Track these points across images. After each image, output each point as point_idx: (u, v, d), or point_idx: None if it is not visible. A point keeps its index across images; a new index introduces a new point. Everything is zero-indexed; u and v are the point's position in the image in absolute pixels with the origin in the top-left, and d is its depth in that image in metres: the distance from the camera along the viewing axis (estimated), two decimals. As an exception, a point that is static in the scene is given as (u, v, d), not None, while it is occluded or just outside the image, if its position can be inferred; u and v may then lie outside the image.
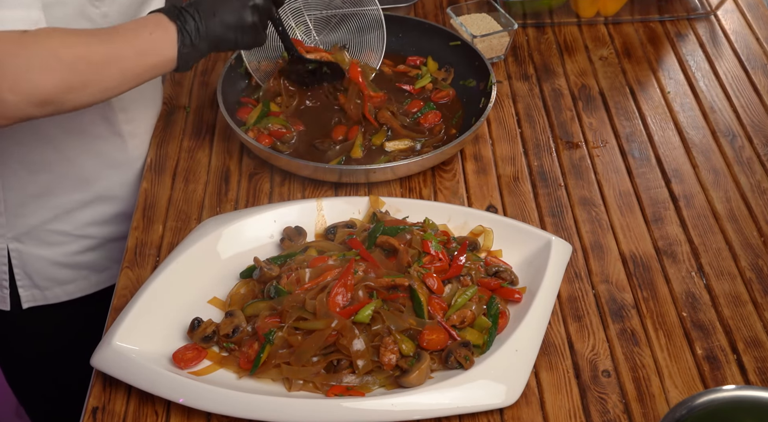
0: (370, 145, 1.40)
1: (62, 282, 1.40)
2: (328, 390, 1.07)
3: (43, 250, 1.36)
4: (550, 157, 1.43)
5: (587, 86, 1.57)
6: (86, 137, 1.32)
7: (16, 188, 1.31)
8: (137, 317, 1.12)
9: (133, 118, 1.38)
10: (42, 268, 1.37)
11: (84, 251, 1.39)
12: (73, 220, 1.37)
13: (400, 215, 1.27)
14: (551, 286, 1.18)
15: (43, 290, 1.39)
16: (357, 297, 1.10)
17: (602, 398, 1.09)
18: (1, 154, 1.27)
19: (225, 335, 1.11)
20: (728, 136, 1.46)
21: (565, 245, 1.24)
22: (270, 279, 1.16)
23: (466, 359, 1.08)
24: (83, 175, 1.35)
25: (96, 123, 1.32)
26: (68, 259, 1.39)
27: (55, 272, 1.38)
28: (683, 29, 1.70)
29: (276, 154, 1.33)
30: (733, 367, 1.13)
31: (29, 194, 1.32)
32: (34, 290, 1.38)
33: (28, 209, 1.32)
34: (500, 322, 1.14)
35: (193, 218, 1.32)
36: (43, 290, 1.39)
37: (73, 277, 1.40)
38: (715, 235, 1.30)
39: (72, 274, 1.40)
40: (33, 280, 1.37)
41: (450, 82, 1.52)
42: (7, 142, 1.26)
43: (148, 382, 1.06)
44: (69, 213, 1.36)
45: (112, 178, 1.38)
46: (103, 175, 1.37)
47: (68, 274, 1.40)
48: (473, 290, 1.15)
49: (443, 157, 1.36)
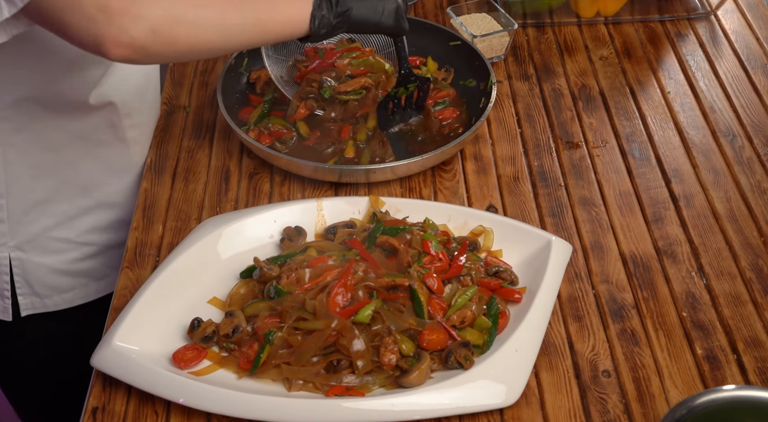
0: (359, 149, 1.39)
1: (62, 290, 1.39)
2: (328, 390, 1.07)
3: (44, 258, 1.35)
4: (550, 157, 1.43)
5: (587, 86, 1.57)
6: (90, 143, 1.31)
7: (19, 195, 1.30)
8: (137, 317, 1.12)
9: (137, 124, 1.38)
10: (42, 276, 1.36)
11: (84, 258, 1.39)
12: (75, 227, 1.36)
13: (400, 215, 1.27)
14: (551, 286, 1.18)
15: (42, 298, 1.38)
16: (357, 297, 1.10)
17: (602, 398, 1.09)
18: (4, 161, 1.26)
19: (225, 335, 1.11)
20: (728, 136, 1.46)
21: (565, 245, 1.24)
22: (270, 279, 1.16)
23: (466, 359, 1.08)
24: (86, 181, 1.34)
25: (101, 129, 1.32)
26: (69, 267, 1.38)
27: (56, 280, 1.38)
28: (683, 29, 1.70)
29: (276, 154, 1.33)
30: (733, 367, 1.13)
31: (32, 201, 1.31)
32: (34, 298, 1.38)
33: (30, 216, 1.32)
34: (500, 322, 1.14)
35: (193, 218, 1.32)
36: (42, 298, 1.38)
37: (72, 285, 1.40)
38: (715, 235, 1.30)
39: (72, 282, 1.40)
40: (33, 288, 1.37)
41: (450, 82, 1.52)
42: (11, 149, 1.26)
43: (148, 382, 1.06)
44: (71, 219, 1.35)
45: (114, 184, 1.38)
46: (106, 181, 1.37)
47: (68, 282, 1.39)
48: (473, 290, 1.15)
49: (443, 157, 1.36)
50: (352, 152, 1.38)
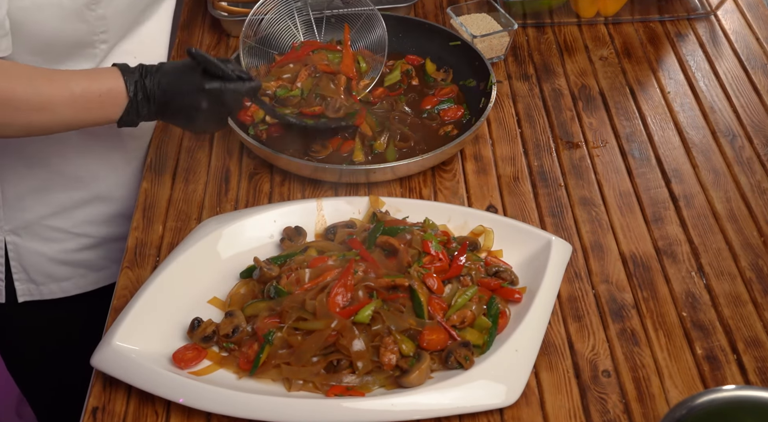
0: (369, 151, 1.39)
1: (59, 278, 1.40)
2: (328, 390, 1.07)
3: (40, 246, 1.36)
4: (550, 157, 1.43)
5: (587, 86, 1.57)
6: (84, 135, 1.31)
7: (14, 182, 1.31)
8: (137, 317, 1.12)
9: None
10: (38, 264, 1.37)
11: (81, 249, 1.40)
12: (71, 218, 1.37)
13: (400, 215, 1.27)
14: (551, 286, 1.18)
15: (38, 285, 1.39)
16: (357, 297, 1.10)
17: (602, 398, 1.09)
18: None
19: (225, 335, 1.11)
20: (728, 136, 1.46)
21: (565, 245, 1.24)
22: (270, 280, 1.16)
23: (466, 359, 1.08)
24: (81, 174, 1.35)
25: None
26: (65, 257, 1.39)
27: (52, 268, 1.38)
28: (683, 29, 1.70)
29: (276, 154, 1.33)
30: (733, 367, 1.13)
31: (27, 188, 1.32)
32: (30, 284, 1.38)
33: (25, 203, 1.32)
34: (500, 322, 1.14)
35: (193, 218, 1.32)
36: (38, 285, 1.39)
37: (69, 274, 1.41)
38: (715, 235, 1.30)
39: (69, 271, 1.40)
40: (29, 275, 1.37)
41: (450, 81, 1.52)
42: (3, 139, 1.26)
43: (148, 382, 1.06)
44: (67, 210, 1.36)
45: (111, 178, 1.38)
46: (101, 175, 1.37)
47: (65, 271, 1.40)
48: (473, 290, 1.15)
49: (443, 157, 1.36)
50: (361, 156, 1.38)
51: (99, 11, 1.21)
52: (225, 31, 1.67)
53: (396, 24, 1.55)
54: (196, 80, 1.18)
